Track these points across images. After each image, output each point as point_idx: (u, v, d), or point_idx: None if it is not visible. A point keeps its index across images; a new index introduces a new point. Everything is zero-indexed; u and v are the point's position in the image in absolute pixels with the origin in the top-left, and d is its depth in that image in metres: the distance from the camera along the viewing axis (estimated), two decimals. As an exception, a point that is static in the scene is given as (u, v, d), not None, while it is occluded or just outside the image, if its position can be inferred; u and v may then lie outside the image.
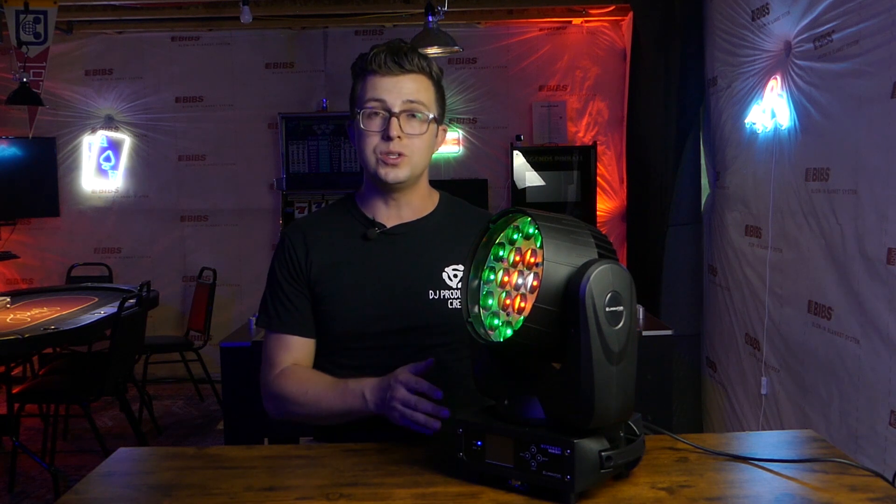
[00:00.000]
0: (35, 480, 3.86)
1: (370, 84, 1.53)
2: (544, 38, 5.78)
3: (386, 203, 1.61)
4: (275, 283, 1.62)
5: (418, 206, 1.63)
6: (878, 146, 2.44)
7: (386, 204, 1.61)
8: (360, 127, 1.54)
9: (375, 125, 1.53)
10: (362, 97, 1.54)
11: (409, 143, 1.53)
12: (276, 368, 1.58)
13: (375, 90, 1.53)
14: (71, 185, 5.88)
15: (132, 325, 4.01)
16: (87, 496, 1.19)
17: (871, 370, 2.49)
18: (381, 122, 1.53)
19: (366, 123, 1.54)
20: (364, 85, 1.55)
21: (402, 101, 1.52)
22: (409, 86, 1.53)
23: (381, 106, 1.52)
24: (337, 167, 5.74)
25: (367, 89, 1.54)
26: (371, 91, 1.53)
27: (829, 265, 2.75)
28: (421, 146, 1.55)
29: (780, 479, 1.19)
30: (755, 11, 3.34)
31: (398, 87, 1.52)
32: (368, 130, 1.53)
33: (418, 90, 1.54)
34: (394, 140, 1.51)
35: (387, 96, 1.52)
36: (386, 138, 1.52)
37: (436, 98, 1.58)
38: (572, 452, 1.07)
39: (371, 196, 1.62)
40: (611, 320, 1.08)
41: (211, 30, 5.78)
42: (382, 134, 1.52)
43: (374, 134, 1.53)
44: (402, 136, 1.52)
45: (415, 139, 1.54)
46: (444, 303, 1.55)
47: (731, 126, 3.64)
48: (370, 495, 1.15)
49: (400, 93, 1.52)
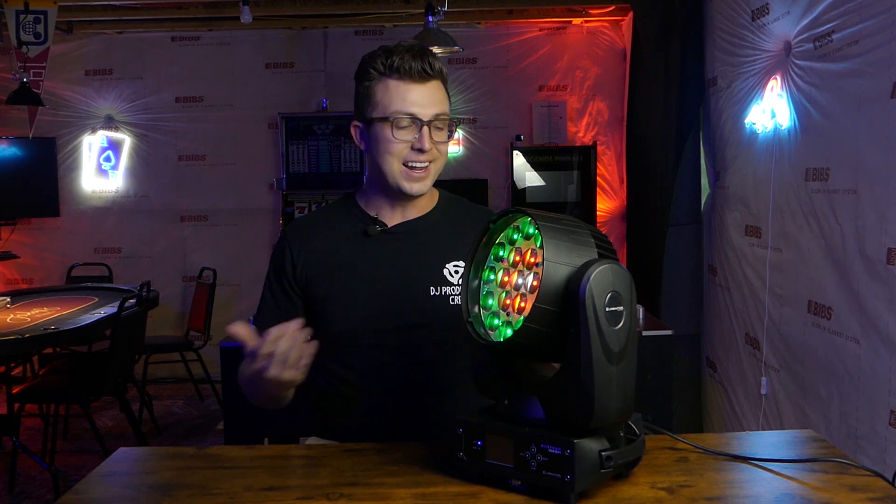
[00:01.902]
0: (35, 480, 3.86)
1: (398, 92, 1.51)
2: (544, 38, 5.78)
3: (392, 204, 1.60)
4: (266, 282, 1.65)
5: (422, 204, 1.63)
6: (878, 146, 2.44)
7: (392, 205, 1.61)
8: (389, 135, 1.52)
9: (406, 135, 1.52)
10: (388, 103, 1.51)
11: (436, 153, 1.55)
12: None
13: (404, 99, 1.50)
14: (71, 185, 5.88)
15: (132, 325, 4.01)
16: (87, 496, 1.19)
17: (871, 370, 2.49)
18: (412, 132, 1.52)
19: (396, 133, 1.51)
20: (387, 90, 1.51)
21: (433, 112, 1.52)
22: (436, 95, 1.53)
23: (413, 116, 1.51)
24: (337, 167, 5.74)
25: (393, 96, 1.51)
26: (399, 99, 1.51)
27: (829, 265, 2.75)
28: (445, 151, 1.58)
29: (780, 479, 1.19)
30: (755, 11, 3.34)
31: (428, 98, 1.52)
32: (399, 140, 1.52)
33: (442, 99, 1.54)
34: (426, 152, 1.52)
35: (416, 107, 1.51)
36: (417, 150, 1.52)
37: (448, 100, 1.58)
38: (572, 452, 1.07)
39: (376, 196, 1.61)
40: (611, 320, 1.08)
41: (211, 30, 5.78)
42: (412, 145, 1.52)
43: (402, 143, 1.52)
44: (433, 146, 1.53)
45: (441, 147, 1.55)
46: (445, 299, 1.55)
47: (731, 126, 3.64)
48: (370, 495, 1.15)
49: (431, 104, 1.52)
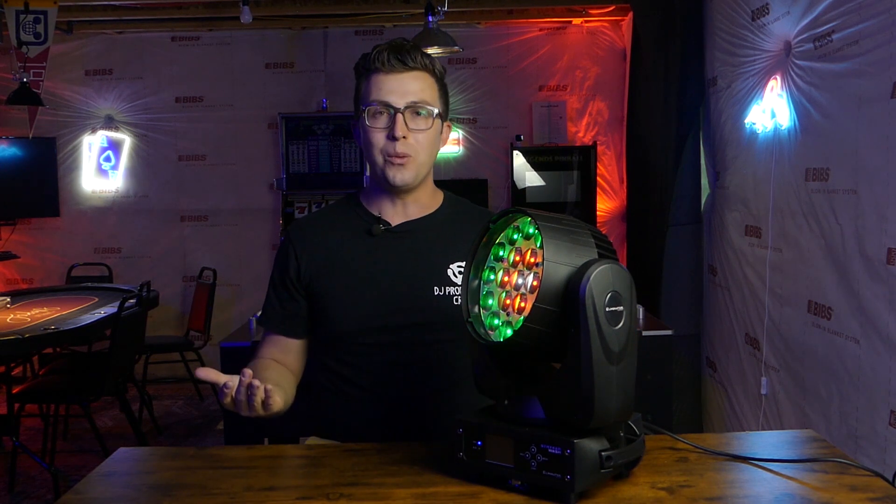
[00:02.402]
0: (35, 480, 3.86)
1: (374, 82, 1.53)
2: (544, 38, 5.78)
3: (392, 201, 1.61)
4: (271, 282, 1.65)
5: (424, 203, 1.63)
6: (878, 146, 2.44)
7: (392, 202, 1.61)
8: (366, 125, 1.54)
9: (380, 123, 1.54)
10: (366, 95, 1.54)
11: (414, 142, 1.54)
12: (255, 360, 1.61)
13: (380, 89, 1.53)
14: (71, 185, 5.88)
15: (132, 325, 4.01)
16: (88, 496, 1.20)
17: (871, 370, 2.49)
18: (386, 120, 1.53)
19: (371, 121, 1.54)
20: (368, 84, 1.55)
21: (407, 99, 1.52)
22: (413, 84, 1.53)
23: (386, 104, 1.52)
24: (337, 167, 5.74)
25: (371, 88, 1.54)
26: (375, 89, 1.53)
27: (829, 265, 2.75)
28: (426, 143, 1.56)
29: (780, 479, 1.20)
30: (755, 11, 3.34)
31: (402, 86, 1.52)
32: (373, 128, 1.54)
33: (422, 88, 1.54)
34: (399, 140, 1.52)
35: (391, 95, 1.52)
36: (391, 138, 1.52)
37: (439, 95, 1.58)
38: (572, 452, 1.07)
39: (377, 194, 1.62)
40: (611, 320, 1.08)
41: (211, 30, 5.78)
42: (388, 133, 1.52)
43: (379, 132, 1.53)
44: (408, 134, 1.52)
45: (419, 135, 1.54)
46: (449, 299, 1.56)
47: (731, 126, 3.64)
48: (370, 495, 1.15)
49: (404, 91, 1.52)
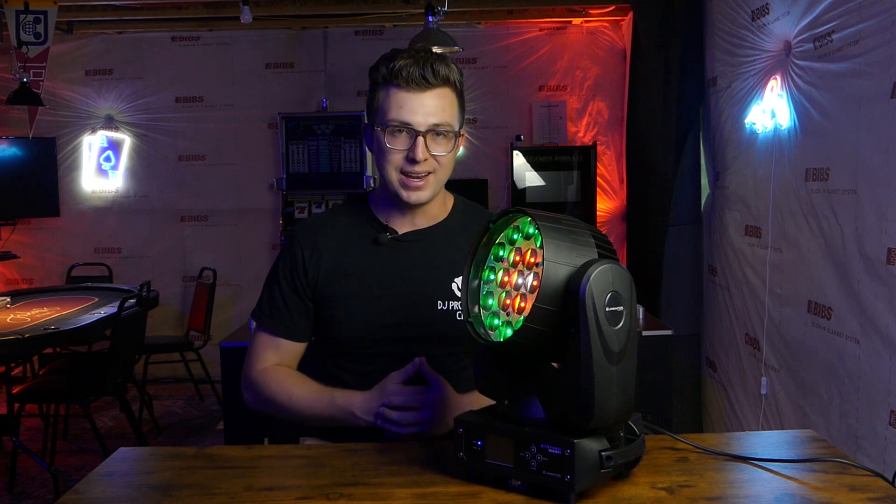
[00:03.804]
0: (35, 480, 3.86)
1: (395, 99, 1.49)
2: (544, 38, 5.78)
3: (402, 211, 1.59)
4: (275, 281, 1.62)
5: (433, 213, 1.61)
6: (878, 146, 2.44)
7: (401, 212, 1.59)
8: (383, 142, 1.50)
9: (399, 144, 1.50)
10: (385, 111, 1.50)
11: (434, 163, 1.51)
12: (261, 364, 1.60)
13: (400, 107, 1.48)
14: (71, 185, 5.88)
15: (132, 325, 4.01)
16: (88, 496, 1.19)
17: (871, 370, 2.49)
18: (406, 140, 1.49)
19: (390, 141, 1.50)
20: (388, 97, 1.50)
21: (429, 121, 1.49)
22: (435, 104, 1.49)
23: (407, 125, 1.48)
24: (337, 167, 5.74)
25: (391, 104, 1.49)
26: (396, 107, 1.48)
27: (829, 265, 2.75)
28: (445, 163, 1.53)
29: (780, 479, 1.19)
30: (755, 11, 3.34)
31: (424, 107, 1.48)
32: (392, 148, 1.50)
33: (443, 107, 1.50)
34: (420, 163, 1.49)
35: (412, 115, 1.48)
36: (411, 161, 1.49)
37: (458, 108, 1.54)
38: (572, 452, 1.07)
39: (386, 201, 1.60)
40: (611, 320, 1.08)
41: (211, 30, 5.78)
42: (407, 155, 1.49)
43: (397, 152, 1.50)
44: (428, 157, 1.50)
45: (441, 158, 1.51)
46: (452, 314, 1.55)
47: (731, 126, 3.64)
48: (370, 495, 1.15)
49: (426, 112, 1.48)
